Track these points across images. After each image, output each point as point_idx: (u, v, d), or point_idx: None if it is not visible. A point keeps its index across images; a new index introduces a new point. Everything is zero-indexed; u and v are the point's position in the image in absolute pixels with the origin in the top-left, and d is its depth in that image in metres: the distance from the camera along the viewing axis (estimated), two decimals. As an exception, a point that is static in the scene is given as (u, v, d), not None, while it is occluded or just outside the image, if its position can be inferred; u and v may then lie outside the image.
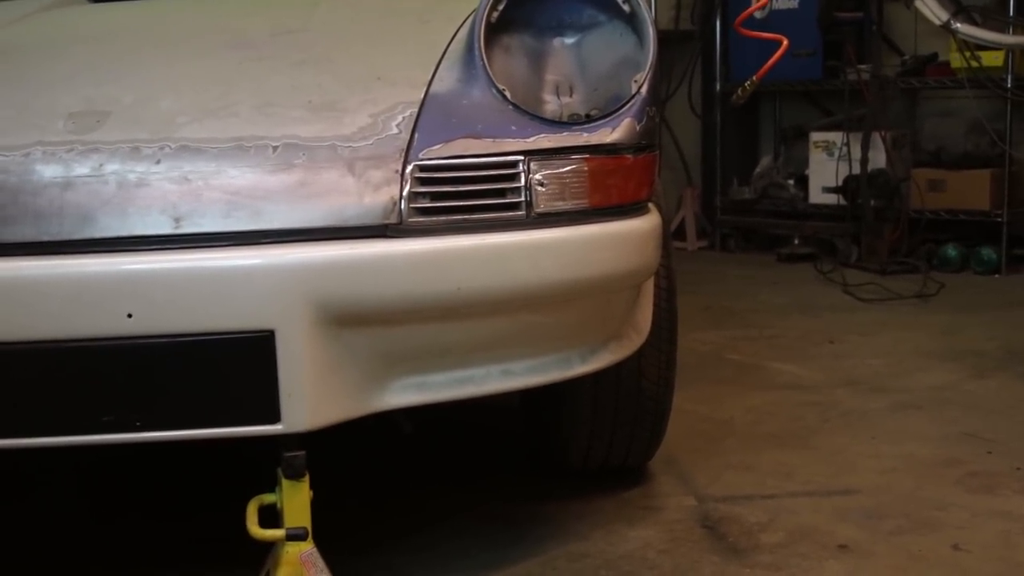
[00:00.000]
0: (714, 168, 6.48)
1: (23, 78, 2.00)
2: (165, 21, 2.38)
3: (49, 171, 1.75)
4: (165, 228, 1.73)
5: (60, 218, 1.72)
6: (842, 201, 5.70)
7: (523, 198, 1.84)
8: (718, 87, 6.36)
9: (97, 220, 1.73)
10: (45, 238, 1.71)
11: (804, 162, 6.04)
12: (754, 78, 2.78)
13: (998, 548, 2.27)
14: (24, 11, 2.41)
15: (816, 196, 5.91)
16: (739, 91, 2.89)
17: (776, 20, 5.67)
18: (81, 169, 1.75)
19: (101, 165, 1.76)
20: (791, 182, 6.11)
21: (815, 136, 5.90)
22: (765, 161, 6.37)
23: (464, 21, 2.07)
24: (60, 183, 1.74)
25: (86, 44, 2.17)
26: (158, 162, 1.77)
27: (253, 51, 2.07)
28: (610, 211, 1.91)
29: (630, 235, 1.93)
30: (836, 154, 5.73)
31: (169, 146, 1.79)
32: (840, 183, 5.68)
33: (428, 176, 1.81)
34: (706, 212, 6.54)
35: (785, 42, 2.76)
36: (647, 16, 1.98)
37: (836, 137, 5.75)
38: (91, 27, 2.32)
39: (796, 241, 6.02)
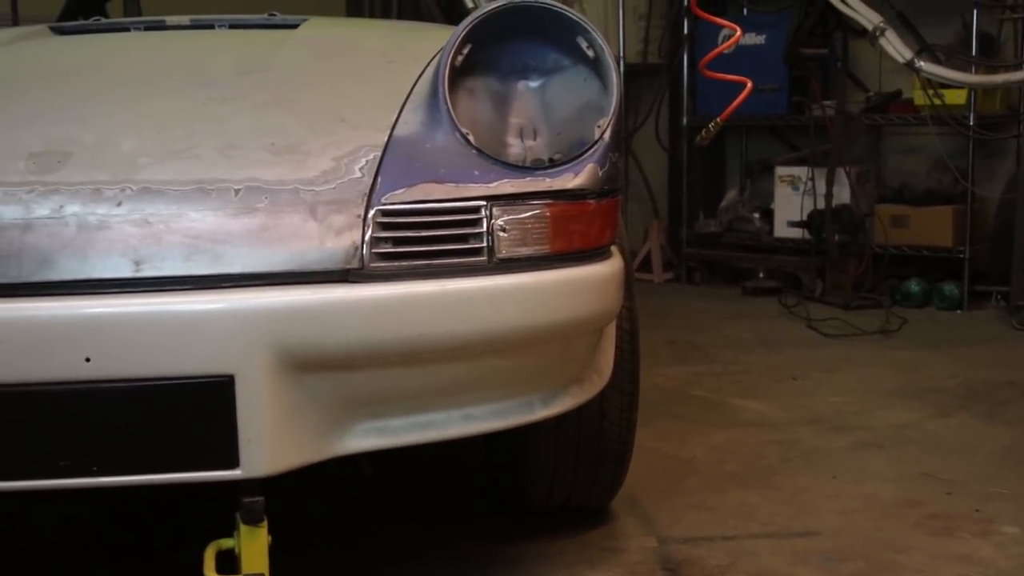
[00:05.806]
0: (680, 201, 6.51)
1: (-16, 116, 1.98)
2: (130, 57, 2.36)
3: (8, 212, 1.73)
4: (125, 271, 1.72)
5: (19, 260, 1.71)
6: (807, 235, 5.75)
7: (485, 244, 1.84)
8: (685, 121, 6.38)
9: (56, 263, 1.71)
10: (3, 280, 1.70)
11: (769, 196, 6.09)
12: (718, 120, 2.80)
13: (956, 592, 2.28)
14: (-13, 46, 2.40)
15: (781, 230, 5.96)
16: (703, 132, 2.91)
17: (743, 56, 5.71)
18: (41, 211, 1.74)
19: (61, 207, 1.74)
20: (756, 216, 6.15)
21: (780, 170, 5.96)
22: (731, 195, 6.40)
23: (430, 62, 2.06)
24: (20, 225, 1.72)
25: (49, 81, 2.15)
26: (119, 204, 1.76)
27: (217, 91, 2.05)
28: (572, 256, 1.91)
29: (592, 280, 1.93)
30: (801, 189, 5.78)
31: (130, 188, 1.78)
32: (805, 217, 5.73)
33: (390, 221, 1.81)
34: (672, 245, 6.57)
35: (749, 84, 2.79)
36: (611, 62, 1.99)
37: (801, 172, 5.80)
38: (55, 63, 2.30)
39: (761, 275, 6.05)
